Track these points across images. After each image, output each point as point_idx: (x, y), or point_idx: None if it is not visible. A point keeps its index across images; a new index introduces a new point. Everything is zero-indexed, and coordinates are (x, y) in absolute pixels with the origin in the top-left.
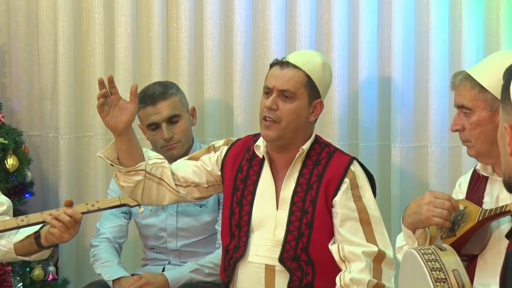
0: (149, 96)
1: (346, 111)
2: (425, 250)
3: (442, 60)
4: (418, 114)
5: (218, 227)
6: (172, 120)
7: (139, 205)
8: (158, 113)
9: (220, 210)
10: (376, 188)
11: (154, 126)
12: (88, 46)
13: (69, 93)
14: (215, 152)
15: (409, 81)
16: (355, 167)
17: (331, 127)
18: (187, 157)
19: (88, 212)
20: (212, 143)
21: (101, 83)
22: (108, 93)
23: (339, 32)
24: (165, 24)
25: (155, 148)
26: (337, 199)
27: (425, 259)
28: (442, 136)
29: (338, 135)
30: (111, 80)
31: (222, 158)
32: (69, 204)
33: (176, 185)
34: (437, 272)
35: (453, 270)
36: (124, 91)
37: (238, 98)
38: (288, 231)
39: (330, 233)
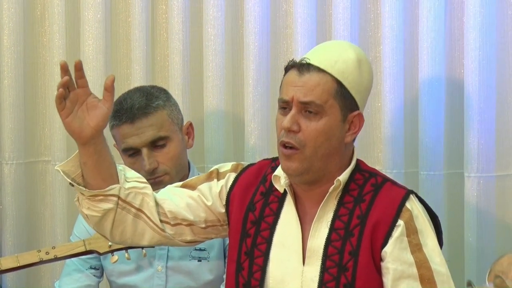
0: (126, 110)
1: (401, 128)
2: None
3: None
4: (501, 132)
5: None
6: (156, 144)
7: (111, 251)
8: (136, 134)
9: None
10: (443, 233)
11: (131, 152)
12: (43, 37)
13: (16, 102)
14: (218, 180)
15: (489, 85)
16: (412, 204)
17: (379, 149)
18: (179, 183)
19: (41, 262)
20: (215, 166)
21: (64, 68)
22: (72, 83)
23: (391, 17)
24: (150, 7)
25: None
26: (388, 250)
27: None
28: None
29: (389, 160)
30: (79, 67)
31: (228, 189)
32: None
33: (161, 221)
34: None
35: None
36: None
37: (251, 108)
38: None
39: None
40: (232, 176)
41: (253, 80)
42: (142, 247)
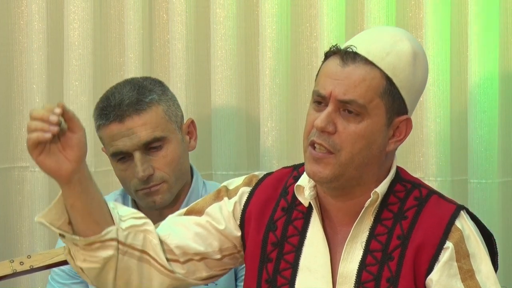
0: (114, 106)
1: (448, 128)
2: None
3: None
4: None
5: None
6: (151, 146)
7: None
8: (127, 135)
9: None
10: (498, 255)
11: (121, 156)
12: (20, 19)
13: None
14: (230, 197)
15: None
16: (463, 223)
17: (421, 153)
18: (182, 210)
19: (15, 274)
20: (224, 183)
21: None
22: (62, 126)
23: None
24: None
25: (127, 190)
26: (434, 277)
27: None
28: None
29: (432, 166)
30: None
31: (243, 206)
32: None
33: (168, 260)
34: None
35: None
36: (80, 92)
37: (268, 104)
38: None
39: None
40: (246, 190)
41: (270, 70)
42: None
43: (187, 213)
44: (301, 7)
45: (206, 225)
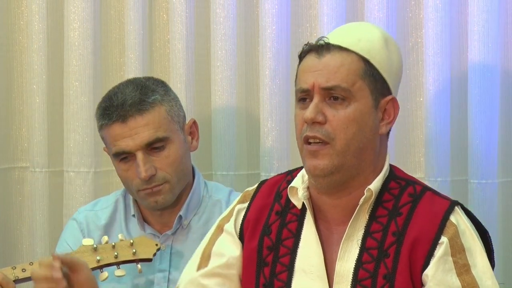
0: (117, 107)
1: (447, 127)
2: None
3: None
4: None
5: None
6: (154, 146)
7: (100, 267)
8: (130, 136)
9: None
10: (494, 252)
11: (124, 156)
12: (20, 19)
13: None
14: (228, 221)
15: None
16: (458, 218)
17: (421, 153)
18: (195, 261)
19: (17, 281)
20: (219, 218)
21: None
22: (64, 272)
23: None
24: None
25: (129, 190)
26: (429, 272)
27: None
28: None
29: (433, 166)
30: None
31: (241, 220)
32: None
33: None
34: None
35: None
36: (80, 93)
37: (268, 104)
38: None
39: None
40: (243, 207)
41: (270, 70)
42: (137, 263)
43: (200, 266)
44: (301, 7)
45: (217, 271)
